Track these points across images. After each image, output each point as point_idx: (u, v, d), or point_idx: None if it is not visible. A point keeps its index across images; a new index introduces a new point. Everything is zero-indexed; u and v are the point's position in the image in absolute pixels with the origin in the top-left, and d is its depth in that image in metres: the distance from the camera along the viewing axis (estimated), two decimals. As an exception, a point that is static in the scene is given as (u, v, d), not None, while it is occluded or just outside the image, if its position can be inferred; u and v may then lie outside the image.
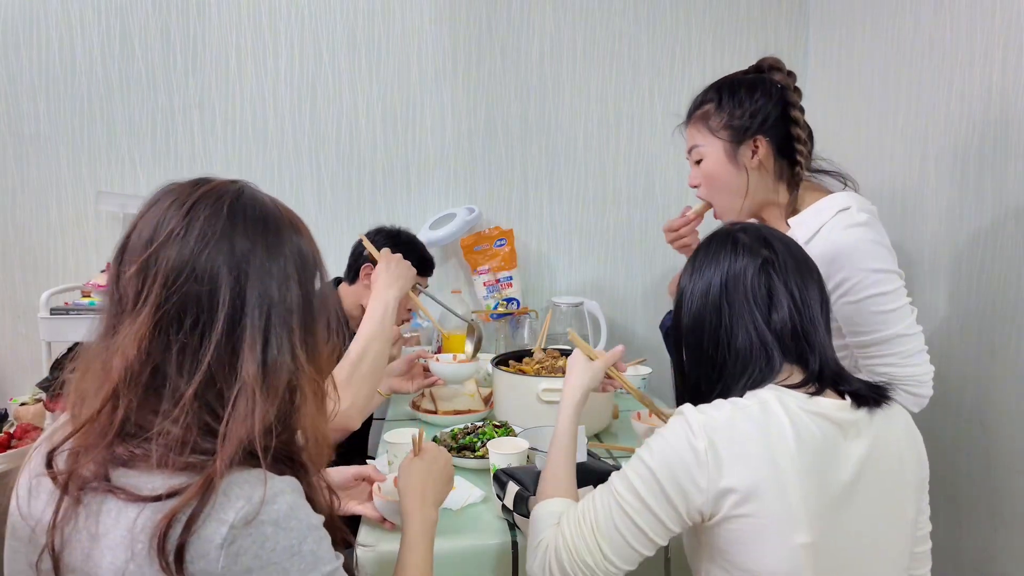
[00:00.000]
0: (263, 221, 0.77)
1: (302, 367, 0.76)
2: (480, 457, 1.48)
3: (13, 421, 2.17)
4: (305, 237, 0.82)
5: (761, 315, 0.96)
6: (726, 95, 1.33)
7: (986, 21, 1.73)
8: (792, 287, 0.97)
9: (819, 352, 0.97)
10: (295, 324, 0.76)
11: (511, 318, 2.48)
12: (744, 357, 0.96)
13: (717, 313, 0.98)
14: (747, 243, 1.00)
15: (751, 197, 1.35)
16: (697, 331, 1.01)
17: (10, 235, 2.30)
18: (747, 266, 0.98)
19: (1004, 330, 1.68)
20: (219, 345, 0.71)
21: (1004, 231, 1.68)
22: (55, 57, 2.27)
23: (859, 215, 1.25)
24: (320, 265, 0.84)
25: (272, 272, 0.75)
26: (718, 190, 1.37)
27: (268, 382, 0.72)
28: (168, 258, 0.71)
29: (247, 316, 0.72)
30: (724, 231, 1.05)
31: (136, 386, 0.70)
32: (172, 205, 0.74)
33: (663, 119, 2.56)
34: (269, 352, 0.73)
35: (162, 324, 0.70)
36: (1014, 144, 1.65)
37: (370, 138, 2.46)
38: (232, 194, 0.77)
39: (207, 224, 0.73)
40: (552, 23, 2.48)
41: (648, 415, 1.68)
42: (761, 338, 0.96)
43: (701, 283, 1.01)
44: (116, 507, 0.68)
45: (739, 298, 0.97)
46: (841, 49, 2.35)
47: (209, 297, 0.71)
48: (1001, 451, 1.70)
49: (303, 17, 2.37)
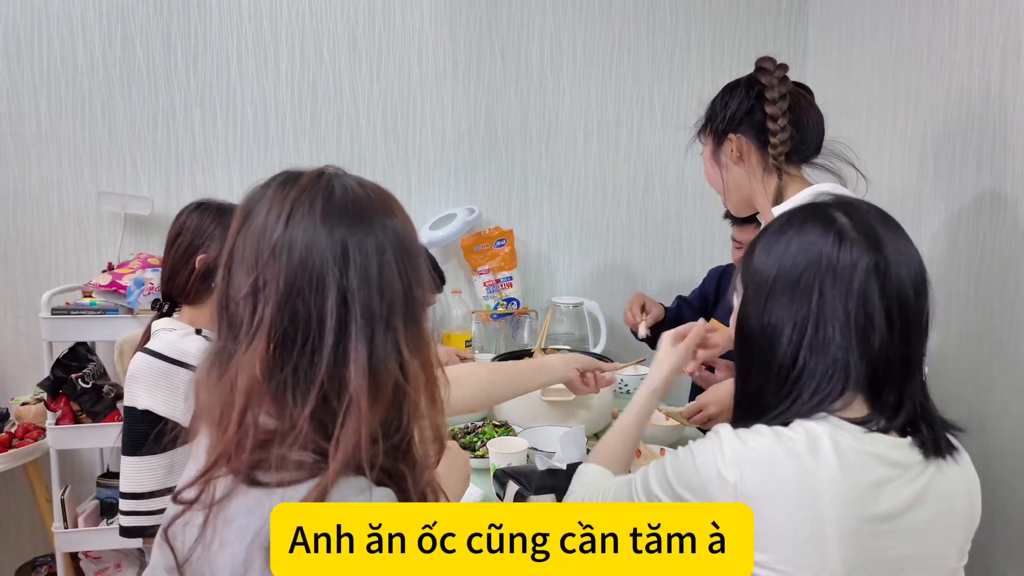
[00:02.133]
0: (357, 214, 0.73)
1: (408, 364, 0.73)
2: (480, 457, 1.48)
3: (14, 421, 2.18)
4: (400, 217, 0.77)
5: (857, 333, 0.80)
6: (711, 105, 1.44)
7: (986, 21, 1.73)
8: (895, 309, 0.80)
9: (903, 393, 0.82)
10: (398, 322, 0.73)
11: (511, 318, 2.48)
12: (821, 376, 0.80)
13: (804, 316, 0.81)
14: (853, 236, 0.81)
15: (737, 191, 1.42)
16: (773, 334, 0.83)
17: (11, 235, 2.30)
18: (851, 269, 0.80)
19: (1003, 330, 1.69)
20: (329, 360, 0.69)
21: (1003, 231, 1.68)
22: (56, 57, 2.27)
23: None
24: (419, 241, 0.79)
25: (371, 271, 0.72)
26: (714, 189, 1.48)
27: (376, 389, 0.71)
28: (277, 275, 0.70)
29: (353, 325, 0.70)
30: (819, 207, 0.86)
31: (260, 410, 0.70)
32: (269, 216, 0.72)
33: (663, 120, 2.57)
34: (375, 359, 0.71)
35: (278, 346, 0.70)
36: (1014, 144, 1.65)
37: (370, 138, 2.46)
38: (324, 190, 0.73)
39: (306, 235, 0.71)
40: (552, 24, 2.48)
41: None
42: (846, 360, 0.80)
43: (786, 274, 0.82)
44: (238, 498, 0.69)
45: (836, 307, 0.79)
46: (840, 49, 2.35)
47: (319, 312, 0.70)
48: (1000, 451, 1.70)
49: (304, 17, 2.37)
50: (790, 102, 1.34)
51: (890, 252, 0.81)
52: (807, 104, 1.39)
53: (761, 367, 0.84)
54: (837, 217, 0.82)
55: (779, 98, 1.34)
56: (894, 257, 0.80)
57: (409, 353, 0.74)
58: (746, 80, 1.39)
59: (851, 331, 0.79)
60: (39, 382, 2.03)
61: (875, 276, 0.79)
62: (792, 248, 0.82)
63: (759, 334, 0.84)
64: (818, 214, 0.83)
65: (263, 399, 0.70)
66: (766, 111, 1.34)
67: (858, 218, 0.82)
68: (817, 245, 0.81)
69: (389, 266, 0.73)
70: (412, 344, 0.75)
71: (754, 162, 1.38)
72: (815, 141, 1.39)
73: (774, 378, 0.82)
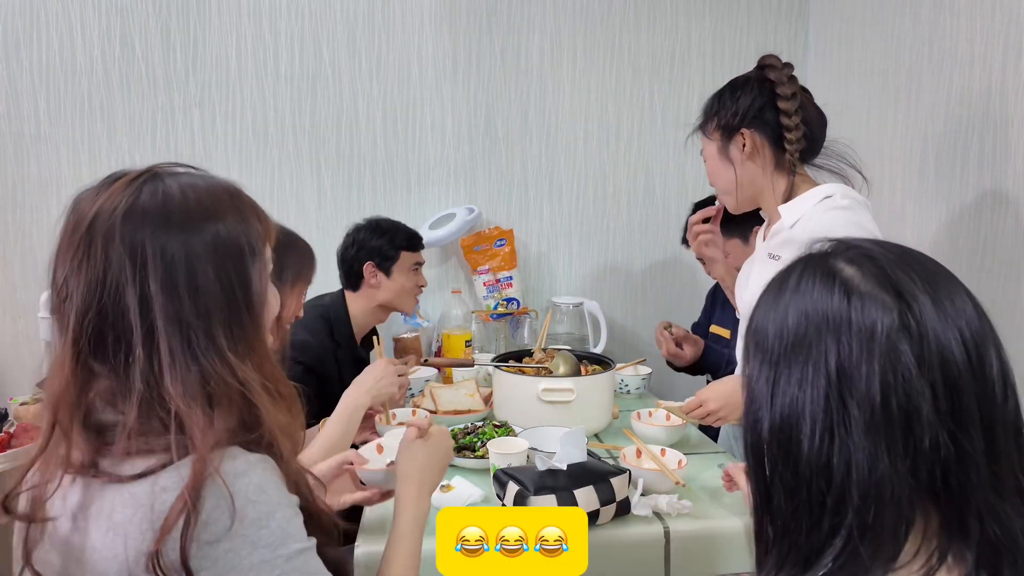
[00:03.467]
0: (164, 219, 0.70)
1: (238, 370, 0.72)
2: (480, 457, 1.48)
3: (13, 421, 2.17)
4: (229, 221, 0.74)
5: (872, 428, 0.54)
6: (717, 100, 1.43)
7: (986, 21, 1.73)
8: (940, 388, 0.54)
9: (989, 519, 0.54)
10: (218, 328, 0.71)
11: (511, 318, 2.48)
12: (878, 498, 0.54)
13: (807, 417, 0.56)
14: (859, 285, 0.58)
15: (744, 188, 1.42)
16: (782, 444, 0.58)
17: (10, 235, 2.30)
18: (857, 335, 0.56)
19: (1003, 330, 1.68)
20: (145, 371, 0.68)
21: (1004, 231, 1.68)
22: (55, 57, 2.27)
23: (841, 200, 1.30)
24: (253, 241, 0.76)
25: (177, 277, 0.70)
26: (716, 186, 1.47)
27: (214, 397, 0.70)
28: (77, 287, 0.69)
29: (162, 335, 0.69)
30: (814, 257, 0.63)
31: (76, 413, 0.70)
32: (79, 220, 0.71)
33: (663, 119, 2.56)
34: (202, 369, 0.70)
35: (81, 357, 0.69)
36: (1014, 144, 1.65)
37: (370, 138, 2.46)
38: (130, 197, 0.71)
39: (105, 239, 0.69)
40: (552, 23, 2.48)
41: (649, 414, 1.68)
42: (889, 473, 0.53)
43: (778, 358, 0.60)
44: (100, 491, 0.69)
45: (848, 397, 0.55)
46: (841, 49, 2.35)
47: (122, 321, 0.69)
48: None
49: (303, 17, 2.37)
50: (800, 101, 1.35)
51: (922, 309, 0.56)
52: (811, 104, 1.40)
53: (784, 485, 0.58)
54: (840, 268, 0.60)
55: (791, 95, 1.35)
56: (928, 313, 0.56)
57: (237, 357, 0.72)
58: (756, 76, 1.39)
59: (874, 422, 0.54)
60: (38, 382, 2.03)
61: (900, 338, 0.54)
62: (793, 311, 0.60)
63: (771, 433, 0.59)
64: (818, 266, 0.61)
65: (81, 403, 0.69)
66: (780, 107, 1.35)
67: (870, 265, 0.58)
68: (820, 303, 0.58)
69: (204, 272, 0.71)
70: (241, 348, 0.73)
71: (767, 158, 1.39)
72: (820, 141, 1.41)
73: (804, 502, 0.56)
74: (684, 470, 1.36)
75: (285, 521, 0.71)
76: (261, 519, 0.69)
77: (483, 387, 1.96)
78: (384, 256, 2.03)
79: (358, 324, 2.02)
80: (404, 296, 2.07)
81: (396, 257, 2.04)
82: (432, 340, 2.44)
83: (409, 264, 2.07)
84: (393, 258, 2.03)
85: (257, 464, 0.71)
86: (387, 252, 2.03)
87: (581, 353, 1.93)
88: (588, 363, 1.87)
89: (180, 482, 0.66)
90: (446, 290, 2.53)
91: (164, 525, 0.65)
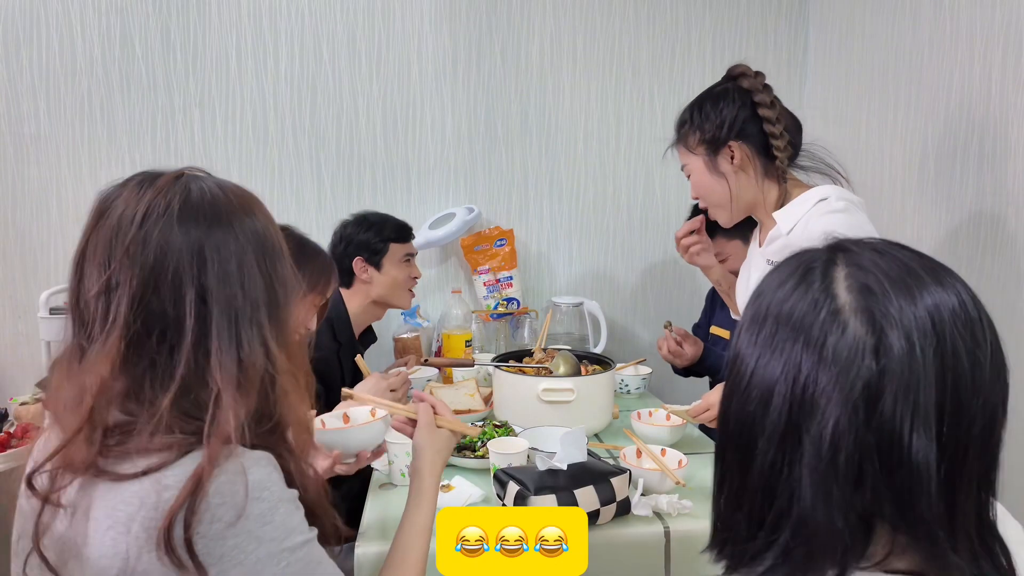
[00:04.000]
0: (215, 214, 0.76)
1: (275, 359, 0.77)
2: (480, 457, 1.48)
3: (13, 421, 2.17)
4: (261, 216, 0.81)
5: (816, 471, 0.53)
6: (696, 112, 1.42)
7: (986, 21, 1.73)
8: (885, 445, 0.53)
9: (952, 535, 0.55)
10: (264, 318, 0.76)
11: (511, 318, 2.48)
12: (816, 531, 0.54)
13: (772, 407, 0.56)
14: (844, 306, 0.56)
15: (738, 200, 1.42)
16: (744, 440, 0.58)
17: (10, 235, 2.30)
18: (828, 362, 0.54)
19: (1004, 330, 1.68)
20: (189, 357, 0.72)
21: (1004, 231, 1.68)
22: (55, 57, 2.27)
23: (837, 203, 1.30)
24: (282, 241, 0.83)
25: (231, 270, 0.75)
26: (707, 200, 1.47)
27: (243, 382, 0.74)
28: (130, 276, 0.72)
29: (213, 324, 0.73)
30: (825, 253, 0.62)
31: (112, 404, 0.72)
32: (123, 216, 0.74)
33: (663, 119, 2.56)
34: (241, 353, 0.74)
35: (132, 344, 0.72)
36: (1014, 144, 1.65)
37: (370, 138, 2.46)
38: (180, 193, 0.75)
39: (163, 234, 0.73)
40: (552, 23, 2.48)
41: (649, 414, 1.68)
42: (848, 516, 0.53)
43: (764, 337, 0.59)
44: (104, 490, 0.70)
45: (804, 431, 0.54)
46: (841, 49, 2.35)
47: (175, 311, 0.72)
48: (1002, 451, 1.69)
49: (303, 17, 2.37)
50: (779, 107, 1.37)
51: (894, 341, 0.54)
52: (785, 109, 1.41)
53: (736, 474, 0.60)
54: (836, 276, 0.59)
55: (770, 103, 1.36)
56: (900, 349, 0.54)
57: (276, 346, 0.77)
58: (733, 87, 1.39)
59: (820, 463, 0.53)
60: (38, 382, 2.03)
61: (874, 360, 0.54)
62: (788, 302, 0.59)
63: (741, 405, 0.59)
64: (819, 266, 0.60)
65: (115, 397, 0.72)
66: (762, 116, 1.35)
67: (863, 288, 0.57)
68: (809, 312, 0.57)
69: (250, 265, 0.76)
70: (278, 337, 0.78)
71: (756, 168, 1.39)
72: (799, 143, 1.43)
73: (746, 512, 0.58)
74: (684, 470, 1.36)
75: (288, 515, 0.73)
76: (265, 515, 0.71)
77: (483, 387, 1.96)
78: (373, 250, 2.00)
79: (356, 322, 2.00)
80: (398, 290, 2.04)
81: (385, 250, 2.01)
82: (432, 340, 2.44)
83: (399, 256, 2.03)
84: (382, 251, 2.00)
85: (259, 460, 0.73)
86: (375, 245, 2.00)
87: (581, 353, 1.93)
88: (588, 363, 1.87)
89: (184, 479, 0.68)
90: (446, 290, 2.53)
91: (170, 510, 0.66)
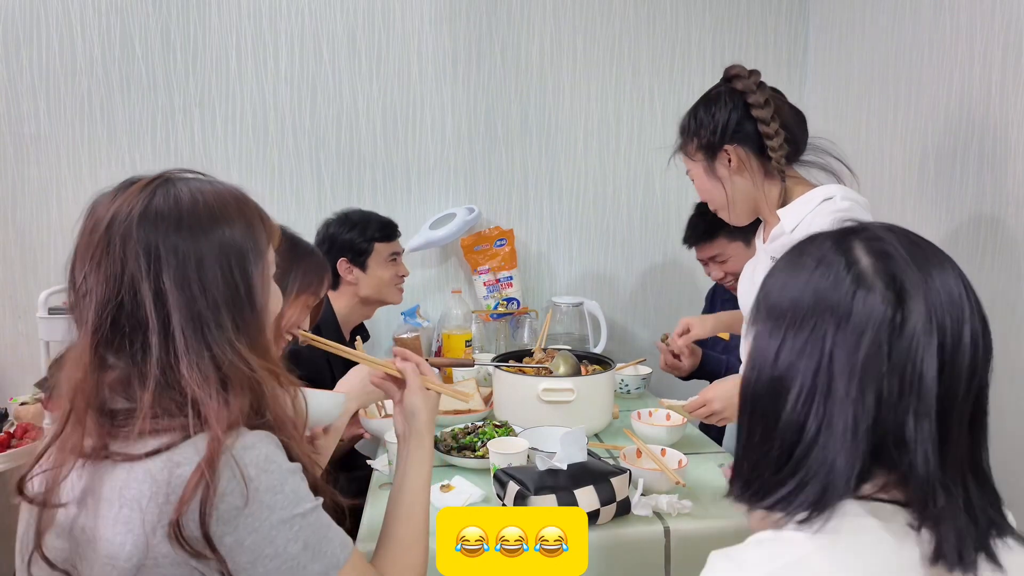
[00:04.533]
0: (176, 220, 0.76)
1: (247, 357, 0.78)
2: (480, 457, 1.48)
3: (13, 421, 2.17)
4: (236, 222, 0.80)
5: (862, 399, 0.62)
6: (692, 119, 1.42)
7: (986, 21, 1.73)
8: (913, 383, 0.62)
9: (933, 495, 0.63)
10: (227, 320, 0.77)
11: (511, 318, 2.48)
12: (830, 460, 0.63)
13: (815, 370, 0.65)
14: (872, 282, 0.64)
15: (738, 203, 1.42)
16: (772, 397, 0.67)
17: (10, 235, 2.30)
18: (864, 322, 0.63)
19: (1004, 330, 1.69)
20: (160, 358, 0.74)
21: (1004, 231, 1.68)
22: (55, 57, 2.27)
23: (842, 203, 1.29)
24: (257, 244, 0.82)
25: (189, 273, 0.76)
26: (710, 204, 1.48)
27: (227, 381, 0.75)
28: (96, 283, 0.75)
29: (175, 325, 0.74)
30: (842, 241, 0.69)
31: (95, 399, 0.74)
32: (98, 221, 0.76)
33: (663, 119, 2.56)
34: (216, 355, 0.76)
35: (100, 346, 0.75)
36: (1014, 144, 1.65)
37: (370, 138, 2.46)
38: (144, 200, 0.77)
39: (124, 243, 0.75)
40: (552, 23, 2.48)
41: (649, 414, 1.68)
42: (855, 430, 0.63)
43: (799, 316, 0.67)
44: (113, 471, 0.72)
45: (843, 363, 0.63)
46: (841, 49, 2.35)
47: (136, 314, 0.74)
48: (1001, 451, 1.69)
49: (303, 17, 2.37)
50: (774, 105, 1.36)
51: (915, 306, 0.63)
52: (785, 105, 1.40)
53: (765, 430, 0.68)
54: (858, 256, 0.66)
55: (764, 103, 1.35)
56: (919, 311, 0.63)
57: (246, 347, 0.78)
58: (726, 90, 1.39)
59: (849, 402, 0.63)
60: (36, 382, 2.03)
61: (886, 336, 0.62)
62: (806, 287, 0.67)
63: (766, 386, 0.68)
64: (839, 247, 0.68)
65: (98, 392, 0.74)
66: (755, 116, 1.35)
67: (885, 260, 0.65)
68: (831, 287, 0.65)
69: (212, 269, 0.77)
70: (246, 337, 0.79)
71: (754, 169, 1.39)
72: (803, 140, 1.41)
73: (777, 447, 0.66)
74: (684, 470, 1.36)
75: (296, 484, 0.77)
76: (275, 486, 0.74)
77: (483, 387, 1.96)
78: (357, 251, 1.95)
79: (345, 322, 1.98)
80: (385, 288, 2.01)
81: (370, 250, 1.97)
82: (432, 340, 2.44)
83: (385, 255, 1.99)
84: (367, 251, 1.96)
85: (263, 438, 0.76)
86: (360, 246, 1.95)
87: (581, 353, 1.93)
88: (588, 363, 1.87)
89: (195, 456, 0.71)
90: (446, 290, 2.53)
91: (183, 496, 0.69)
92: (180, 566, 0.70)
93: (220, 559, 0.71)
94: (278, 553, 0.73)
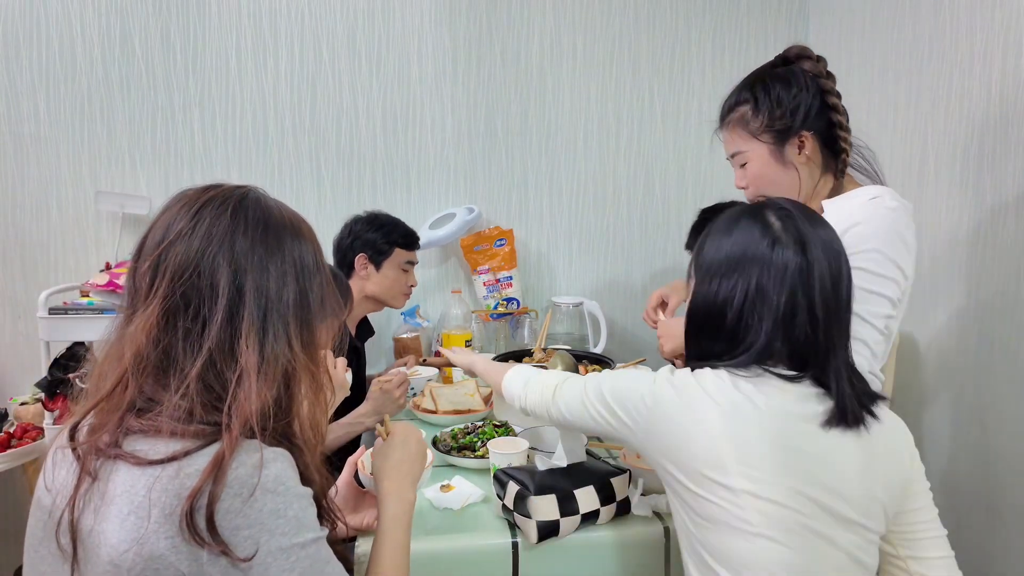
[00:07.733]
0: (264, 224, 0.83)
1: (298, 356, 0.83)
2: (480, 457, 1.48)
3: (13, 421, 2.17)
4: (307, 242, 0.88)
5: (782, 321, 0.94)
6: (761, 95, 1.29)
7: (986, 21, 1.73)
8: (817, 304, 0.94)
9: (826, 371, 0.95)
10: (291, 318, 0.83)
11: (511, 318, 2.48)
12: (748, 348, 0.96)
13: (743, 296, 0.95)
14: (784, 240, 0.95)
15: (803, 192, 1.31)
16: (724, 306, 0.97)
17: (10, 235, 2.30)
18: (783, 269, 0.94)
19: (1004, 330, 1.68)
20: (219, 332, 0.77)
21: (1004, 231, 1.68)
22: (55, 57, 2.27)
23: (891, 202, 1.22)
24: (322, 269, 0.89)
25: (269, 270, 0.82)
26: (765, 191, 1.33)
27: (266, 368, 0.79)
28: (176, 255, 0.79)
29: (245, 308, 0.79)
30: (757, 213, 0.99)
31: (146, 368, 0.77)
32: (182, 208, 0.82)
33: (663, 119, 2.56)
34: (266, 341, 0.80)
35: (169, 314, 0.78)
36: (1014, 144, 1.65)
37: (370, 138, 2.46)
38: (237, 198, 0.84)
39: (211, 225, 0.80)
40: (552, 23, 2.48)
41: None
42: (771, 340, 0.94)
43: (733, 263, 0.97)
44: (125, 473, 0.73)
45: (769, 296, 0.94)
46: (841, 49, 2.35)
47: (210, 290, 0.78)
48: (1000, 451, 1.70)
49: (303, 17, 2.37)
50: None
51: (815, 254, 0.94)
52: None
53: (711, 332, 0.99)
54: (772, 223, 0.97)
55: (839, 96, 1.27)
56: (818, 258, 0.95)
57: (299, 347, 0.83)
58: (800, 71, 1.29)
59: (778, 319, 0.94)
60: (36, 382, 2.03)
61: (799, 277, 0.94)
62: (737, 246, 0.98)
63: (711, 307, 0.99)
64: (756, 218, 0.99)
65: (148, 367, 0.77)
66: (831, 105, 1.27)
67: (791, 224, 0.97)
68: (755, 245, 0.96)
69: (287, 273, 0.84)
70: (302, 341, 0.84)
71: (819, 162, 1.31)
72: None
73: (722, 340, 0.98)
74: (684, 470, 1.35)
75: (301, 511, 0.76)
76: (279, 509, 0.74)
77: (483, 387, 1.96)
78: (377, 250, 2.04)
79: (352, 314, 2.03)
80: (391, 292, 2.08)
81: (389, 252, 2.05)
82: (432, 340, 2.44)
83: (400, 261, 2.07)
84: (386, 252, 2.05)
85: (277, 457, 0.76)
86: (381, 246, 2.04)
87: (581, 353, 1.93)
88: (588, 363, 1.87)
89: (205, 467, 0.71)
90: (446, 290, 2.53)
91: (190, 494, 0.69)
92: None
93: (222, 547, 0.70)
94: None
